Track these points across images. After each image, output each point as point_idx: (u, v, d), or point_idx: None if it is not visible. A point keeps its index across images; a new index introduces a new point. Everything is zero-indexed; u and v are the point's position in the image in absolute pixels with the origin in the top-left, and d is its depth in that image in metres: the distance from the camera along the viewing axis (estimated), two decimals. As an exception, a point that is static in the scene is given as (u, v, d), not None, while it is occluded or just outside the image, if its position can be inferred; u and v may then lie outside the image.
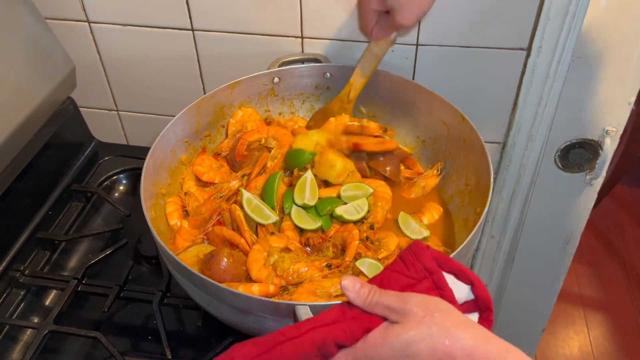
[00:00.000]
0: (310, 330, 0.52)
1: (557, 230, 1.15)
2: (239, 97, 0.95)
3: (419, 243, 0.56)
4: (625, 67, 0.91)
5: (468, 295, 0.55)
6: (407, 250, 0.56)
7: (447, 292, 0.53)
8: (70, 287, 0.86)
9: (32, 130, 0.96)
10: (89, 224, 1.02)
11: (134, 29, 1.04)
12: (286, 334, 0.52)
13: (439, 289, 0.53)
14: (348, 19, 0.95)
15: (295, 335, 0.52)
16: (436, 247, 0.80)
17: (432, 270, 0.54)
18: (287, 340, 0.52)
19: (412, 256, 0.55)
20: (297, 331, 0.52)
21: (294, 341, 0.51)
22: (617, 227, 2.30)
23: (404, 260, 0.56)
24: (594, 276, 2.11)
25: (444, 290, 0.53)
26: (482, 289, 0.54)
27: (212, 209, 0.83)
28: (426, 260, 0.54)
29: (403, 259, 0.56)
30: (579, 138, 1.01)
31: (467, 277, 0.54)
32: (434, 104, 0.89)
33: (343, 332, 0.51)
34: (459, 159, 0.88)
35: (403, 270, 0.55)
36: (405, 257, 0.56)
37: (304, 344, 0.51)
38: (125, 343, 0.83)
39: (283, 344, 0.52)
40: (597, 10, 0.86)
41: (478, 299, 0.54)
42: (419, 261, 0.55)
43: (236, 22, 1.00)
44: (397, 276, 0.55)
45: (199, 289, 0.67)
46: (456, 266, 0.54)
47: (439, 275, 0.54)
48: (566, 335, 1.94)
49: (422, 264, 0.54)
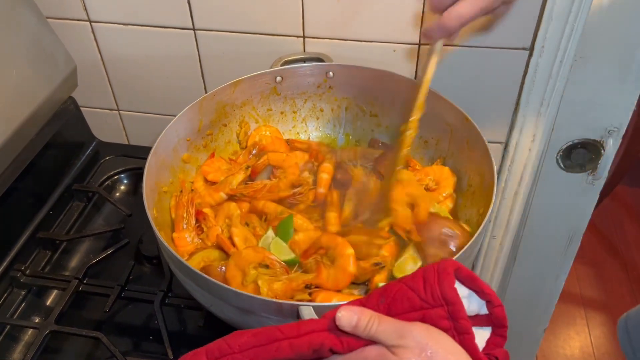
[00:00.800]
0: (309, 333, 0.52)
1: (559, 230, 1.15)
2: (241, 96, 0.95)
3: (448, 265, 0.52)
4: (628, 67, 0.91)
5: (480, 309, 0.53)
6: (433, 270, 0.53)
7: (462, 323, 0.51)
8: (72, 287, 0.85)
9: (33, 130, 0.96)
10: (90, 224, 1.02)
11: (136, 28, 1.04)
12: (285, 333, 0.52)
13: (454, 319, 0.51)
14: (349, 19, 0.95)
15: (293, 335, 0.52)
16: None
17: (451, 301, 0.51)
18: (284, 339, 0.52)
19: (436, 279, 0.52)
20: (296, 331, 0.52)
21: (292, 341, 0.51)
22: (618, 227, 2.30)
23: (425, 280, 0.52)
24: (595, 276, 2.11)
25: (458, 322, 0.51)
26: (499, 308, 0.52)
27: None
28: (447, 289, 0.51)
29: (425, 278, 0.53)
30: (581, 138, 1.01)
31: (486, 297, 0.52)
32: (436, 104, 0.89)
33: (340, 342, 0.51)
34: (461, 159, 0.88)
35: (420, 290, 0.52)
36: (427, 277, 0.53)
37: (301, 345, 0.51)
38: (127, 343, 0.82)
39: (280, 342, 0.51)
40: (600, 10, 0.86)
41: (493, 316, 0.53)
42: (440, 287, 0.51)
43: (237, 22, 1.00)
44: (411, 295, 0.53)
45: (201, 289, 0.67)
46: (479, 285, 0.52)
47: (458, 307, 0.51)
48: (567, 335, 1.94)
49: (442, 292, 0.51)
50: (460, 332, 0.51)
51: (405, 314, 0.52)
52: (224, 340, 0.53)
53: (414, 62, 0.98)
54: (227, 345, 0.53)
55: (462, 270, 0.52)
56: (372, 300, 0.54)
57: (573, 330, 1.95)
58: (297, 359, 0.51)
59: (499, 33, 0.92)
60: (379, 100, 0.96)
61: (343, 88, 0.96)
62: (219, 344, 0.53)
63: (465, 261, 0.71)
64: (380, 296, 0.54)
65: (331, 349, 0.50)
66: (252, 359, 0.51)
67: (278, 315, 0.62)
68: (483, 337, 0.53)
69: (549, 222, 1.14)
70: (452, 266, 0.52)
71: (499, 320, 0.52)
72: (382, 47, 0.98)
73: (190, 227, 0.83)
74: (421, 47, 0.96)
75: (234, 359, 0.52)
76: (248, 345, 0.52)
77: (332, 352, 0.51)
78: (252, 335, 0.52)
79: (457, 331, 0.51)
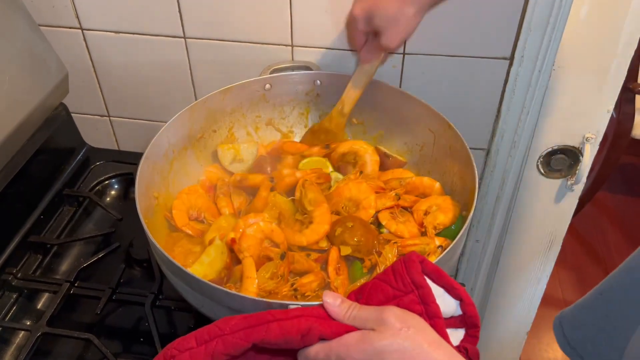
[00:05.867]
0: (297, 317, 0.54)
1: (539, 234, 1.18)
2: (231, 103, 0.97)
3: (413, 255, 0.56)
4: (604, 76, 0.94)
5: (456, 311, 0.56)
6: (400, 261, 0.56)
7: (432, 307, 0.54)
8: (63, 290, 0.86)
9: (25, 136, 0.97)
10: (80, 228, 1.03)
11: (127, 36, 1.06)
12: (274, 315, 0.54)
13: (425, 303, 0.54)
14: (337, 28, 0.98)
15: (282, 317, 0.54)
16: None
17: (419, 284, 0.54)
18: (274, 321, 0.53)
19: (403, 268, 0.55)
20: (285, 315, 0.54)
21: (280, 323, 0.53)
22: (599, 232, 2.35)
23: (394, 271, 0.56)
24: (577, 281, 2.14)
25: (429, 305, 0.54)
26: (470, 307, 0.55)
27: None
28: (415, 274, 0.54)
29: (394, 269, 0.56)
30: (560, 145, 1.04)
31: (457, 294, 0.55)
32: (420, 111, 0.91)
33: (329, 327, 0.53)
34: (445, 165, 0.90)
35: (391, 281, 0.56)
36: (396, 268, 0.56)
37: (289, 328, 0.53)
38: (118, 345, 0.84)
39: (270, 323, 0.53)
40: (577, 21, 0.89)
41: (466, 315, 0.55)
42: (409, 274, 0.55)
43: (227, 30, 1.02)
44: (384, 286, 0.56)
45: (192, 289, 0.69)
46: (448, 282, 0.55)
47: (426, 290, 0.54)
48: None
49: (411, 277, 0.55)
50: (431, 317, 0.54)
51: (382, 305, 0.55)
52: (214, 324, 0.55)
53: (398, 70, 1.01)
54: (217, 328, 0.54)
55: (426, 263, 0.56)
56: (350, 299, 0.57)
57: (556, 334, 1.98)
58: (286, 346, 0.53)
59: (481, 43, 0.95)
60: (365, 108, 0.98)
61: (330, 96, 0.98)
62: (208, 328, 0.55)
63: (447, 263, 0.73)
64: (357, 295, 0.58)
65: (320, 335, 0.52)
66: (243, 339, 0.53)
67: (267, 314, 0.64)
68: (457, 338, 0.56)
69: (530, 226, 1.16)
70: (416, 256, 0.56)
71: (471, 319, 0.55)
72: (368, 56, 1.00)
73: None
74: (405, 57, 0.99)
75: (225, 340, 0.53)
76: (238, 327, 0.54)
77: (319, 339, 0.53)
78: (243, 317, 0.55)
79: (428, 315, 0.54)
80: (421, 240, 0.82)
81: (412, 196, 0.90)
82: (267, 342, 0.53)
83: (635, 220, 2.39)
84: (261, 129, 1.02)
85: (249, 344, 0.53)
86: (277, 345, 0.53)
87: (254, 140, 1.01)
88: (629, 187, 2.55)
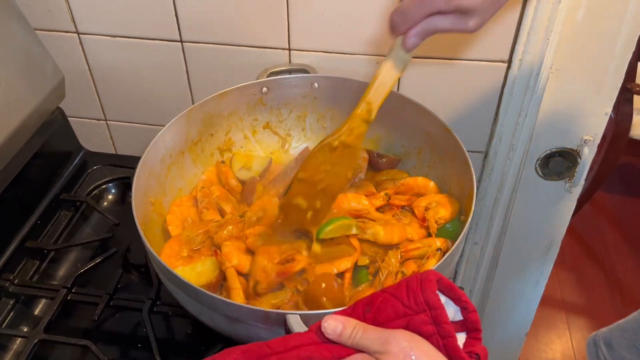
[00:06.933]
0: (296, 347, 0.53)
1: (538, 236, 1.18)
2: (228, 107, 0.96)
3: (430, 274, 0.54)
4: (602, 78, 0.94)
5: (455, 316, 0.55)
6: (416, 278, 0.54)
7: (445, 328, 0.52)
8: (60, 296, 0.86)
9: (21, 140, 0.96)
10: (78, 233, 1.03)
11: (123, 40, 1.05)
12: (273, 348, 0.53)
13: (437, 324, 0.52)
14: (334, 31, 0.98)
15: (281, 349, 0.53)
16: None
17: (433, 305, 0.53)
18: (273, 354, 0.52)
19: (418, 287, 0.54)
20: (284, 346, 0.53)
21: (280, 356, 0.52)
22: (597, 233, 2.35)
23: (409, 288, 0.54)
24: (576, 281, 2.15)
25: (441, 326, 0.52)
26: (473, 313, 0.54)
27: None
28: (430, 294, 0.53)
29: (408, 286, 0.54)
30: (558, 147, 1.04)
31: (462, 304, 0.54)
32: (418, 115, 0.91)
33: (330, 352, 0.52)
34: (442, 168, 0.90)
35: (403, 298, 0.54)
36: (410, 286, 0.54)
37: (289, 359, 0.52)
38: (115, 351, 0.83)
39: (269, 357, 0.52)
40: (574, 23, 0.89)
41: (467, 321, 0.54)
42: (423, 294, 0.53)
43: (224, 34, 1.01)
44: (394, 302, 0.54)
45: (190, 297, 0.68)
46: (457, 294, 0.54)
47: (440, 311, 0.52)
48: (549, 339, 1.97)
49: (425, 297, 0.53)
50: (443, 336, 0.52)
51: (390, 322, 0.53)
52: (214, 359, 0.54)
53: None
54: None
55: (443, 280, 0.54)
56: (357, 310, 0.56)
57: (554, 334, 1.98)
58: None
59: (478, 47, 0.95)
60: (363, 111, 0.98)
61: (328, 99, 0.98)
62: None
63: (447, 267, 0.73)
64: (366, 306, 0.56)
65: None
66: None
67: (265, 324, 0.64)
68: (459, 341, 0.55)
69: (529, 228, 1.16)
70: (434, 275, 0.54)
71: (473, 325, 0.54)
72: (365, 59, 1.00)
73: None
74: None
75: None
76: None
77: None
78: (241, 352, 0.53)
79: (440, 335, 0.52)
80: (422, 242, 0.82)
81: (407, 196, 0.90)
82: None
83: (634, 220, 2.39)
84: (258, 132, 1.02)
85: None
86: None
87: (269, 156, 1.01)
88: (627, 187, 2.56)
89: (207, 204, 0.90)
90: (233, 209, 0.89)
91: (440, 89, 1.01)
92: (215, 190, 0.93)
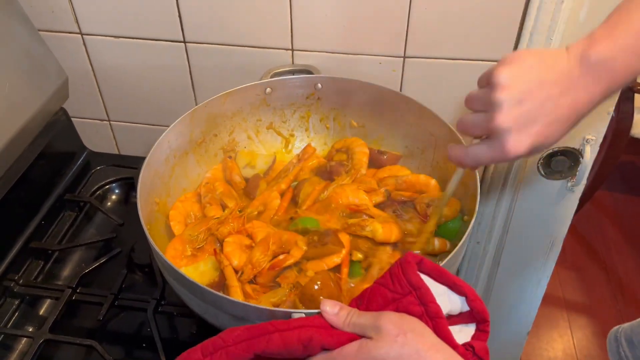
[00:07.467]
0: (299, 327, 0.54)
1: (540, 235, 1.18)
2: (232, 107, 0.97)
3: (409, 256, 0.56)
4: (604, 78, 0.94)
5: (462, 307, 0.56)
6: (396, 263, 0.56)
7: (432, 307, 0.53)
8: (65, 296, 0.87)
9: (25, 141, 0.97)
10: (82, 234, 1.03)
11: (127, 40, 1.06)
12: (276, 326, 0.54)
13: (424, 304, 0.53)
14: (337, 32, 0.98)
15: (284, 328, 0.54)
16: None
17: (416, 285, 0.54)
18: (275, 331, 0.54)
19: (399, 270, 0.55)
20: (287, 325, 0.55)
21: (282, 333, 0.54)
22: (598, 231, 2.35)
23: (392, 274, 0.56)
24: (577, 280, 2.15)
25: (428, 305, 0.53)
26: (477, 301, 0.55)
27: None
28: (411, 275, 0.54)
29: (391, 272, 0.56)
30: (560, 146, 1.04)
31: (461, 290, 0.55)
32: (421, 115, 0.91)
33: (331, 336, 0.53)
34: (446, 169, 0.90)
35: (389, 284, 0.56)
36: (393, 271, 0.56)
37: (290, 338, 0.53)
38: (120, 351, 0.84)
39: (271, 334, 0.54)
40: (577, 23, 0.89)
41: (473, 311, 0.55)
42: (405, 275, 0.55)
43: (227, 35, 1.02)
44: (382, 290, 0.56)
45: (195, 297, 0.69)
46: (450, 279, 0.55)
47: (424, 290, 0.54)
48: (550, 338, 1.97)
49: (407, 279, 0.54)
50: (432, 317, 0.53)
51: (382, 309, 0.55)
52: (218, 336, 0.56)
53: (399, 74, 1.01)
54: (221, 340, 0.55)
55: (425, 263, 0.55)
56: (351, 305, 0.57)
57: (556, 333, 1.99)
58: (289, 356, 0.53)
59: (481, 47, 0.95)
60: (366, 111, 0.98)
61: (331, 99, 0.99)
62: (213, 340, 0.56)
63: (451, 267, 0.73)
64: (358, 301, 0.58)
65: (322, 345, 0.53)
66: (245, 350, 0.54)
67: (271, 322, 0.64)
68: (468, 334, 0.56)
69: (531, 227, 1.16)
70: (412, 257, 0.56)
71: (479, 314, 0.55)
72: (368, 59, 1.00)
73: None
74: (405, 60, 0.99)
75: (228, 351, 0.54)
76: (241, 338, 0.54)
77: (321, 349, 0.53)
78: (245, 329, 0.55)
79: (429, 316, 0.53)
80: (418, 240, 0.82)
81: (408, 192, 0.90)
82: (269, 353, 0.53)
83: (635, 219, 2.39)
84: (262, 132, 1.02)
85: (251, 355, 0.53)
86: (279, 355, 0.53)
87: (272, 154, 1.02)
88: (628, 185, 2.56)
89: (211, 199, 0.90)
90: (235, 205, 0.90)
91: (443, 89, 1.01)
92: (219, 186, 0.93)
